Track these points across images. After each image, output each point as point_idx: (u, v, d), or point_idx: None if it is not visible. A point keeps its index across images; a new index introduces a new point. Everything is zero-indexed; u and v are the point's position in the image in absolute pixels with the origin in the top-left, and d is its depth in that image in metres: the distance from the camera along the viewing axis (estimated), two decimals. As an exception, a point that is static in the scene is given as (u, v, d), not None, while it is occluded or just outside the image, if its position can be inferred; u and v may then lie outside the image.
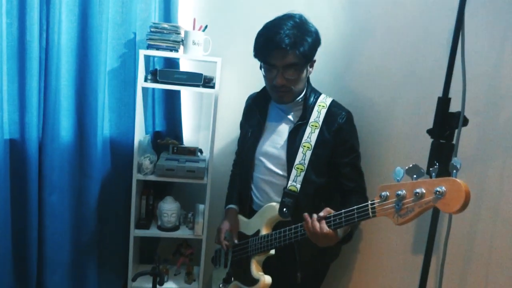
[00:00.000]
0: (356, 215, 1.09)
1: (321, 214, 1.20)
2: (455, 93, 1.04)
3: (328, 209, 1.20)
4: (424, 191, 0.91)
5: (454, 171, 0.89)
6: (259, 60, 1.38)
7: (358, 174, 1.44)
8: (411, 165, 0.96)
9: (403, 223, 0.96)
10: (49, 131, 1.61)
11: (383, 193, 1.01)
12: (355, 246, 1.61)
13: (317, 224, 1.19)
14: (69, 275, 1.81)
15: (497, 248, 1.07)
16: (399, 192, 0.96)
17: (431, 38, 1.27)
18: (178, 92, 1.98)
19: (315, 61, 1.41)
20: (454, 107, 1.05)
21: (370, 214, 1.05)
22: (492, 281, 1.08)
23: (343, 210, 1.14)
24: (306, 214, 1.23)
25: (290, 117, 1.46)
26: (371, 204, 1.04)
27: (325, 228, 1.17)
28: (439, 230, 1.12)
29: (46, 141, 1.62)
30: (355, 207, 1.10)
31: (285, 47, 1.28)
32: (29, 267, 1.68)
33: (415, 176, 0.95)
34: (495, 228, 1.09)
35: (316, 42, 1.36)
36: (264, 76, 1.40)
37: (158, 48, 1.73)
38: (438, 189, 0.87)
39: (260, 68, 1.39)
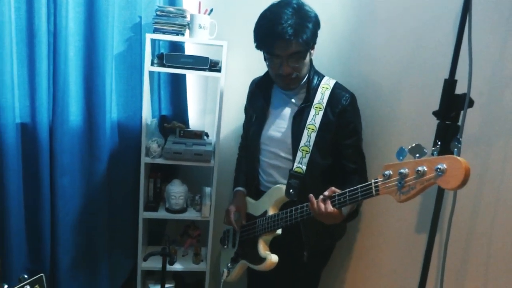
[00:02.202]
0: (360, 194, 1.12)
1: (326, 193, 1.23)
2: (460, 75, 1.05)
3: (332, 188, 1.23)
4: (425, 169, 0.93)
5: (455, 149, 0.91)
6: (262, 51, 1.39)
7: (360, 156, 1.46)
8: (414, 145, 0.98)
9: (404, 200, 0.99)
10: (59, 114, 1.64)
11: (386, 172, 1.03)
12: (359, 226, 1.65)
13: (322, 205, 1.22)
14: (81, 255, 1.86)
15: (499, 226, 1.11)
16: (402, 170, 0.98)
17: (438, 21, 1.27)
18: (184, 76, 2.00)
19: (315, 43, 1.42)
20: (460, 89, 1.07)
21: (374, 192, 1.08)
22: (494, 257, 1.12)
23: (347, 189, 1.17)
24: (311, 196, 1.26)
25: (293, 100, 1.48)
26: (375, 182, 1.07)
27: (330, 207, 1.20)
28: (442, 209, 1.14)
29: (56, 124, 1.64)
30: (359, 186, 1.13)
31: (288, 38, 1.28)
32: (43, 247, 1.73)
33: (417, 155, 0.97)
34: (498, 206, 1.12)
35: (317, 25, 1.36)
36: (268, 65, 1.42)
37: (164, 32, 1.74)
38: (439, 166, 0.89)
39: (265, 60, 1.40)
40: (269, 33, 1.32)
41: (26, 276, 1.00)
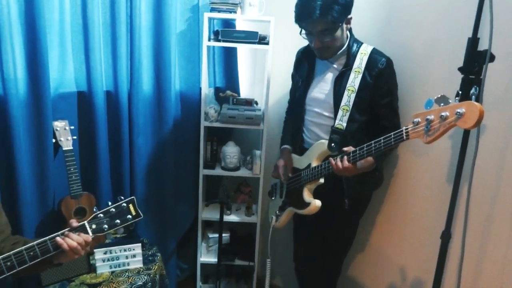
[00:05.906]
0: (393, 139, 1.30)
1: (345, 149, 1.48)
2: (486, 36, 1.15)
3: (350, 147, 1.47)
4: (448, 114, 1.11)
5: (473, 96, 1.08)
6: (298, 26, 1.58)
7: (394, 114, 1.62)
8: (439, 95, 1.15)
9: (430, 141, 1.17)
10: (135, 84, 1.95)
11: (415, 120, 1.22)
12: (393, 177, 1.80)
13: (339, 161, 1.46)
14: (152, 205, 2.19)
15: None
16: (428, 117, 1.16)
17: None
18: (235, 51, 2.24)
19: (351, 18, 1.56)
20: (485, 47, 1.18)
21: (404, 137, 1.26)
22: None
23: (364, 145, 1.39)
24: (331, 159, 1.51)
25: (335, 65, 1.66)
26: (405, 129, 1.26)
27: (345, 163, 1.45)
28: (471, 162, 1.26)
29: (133, 92, 1.96)
30: (392, 133, 1.31)
31: (315, 18, 1.46)
32: (123, 196, 2.06)
33: (442, 104, 1.15)
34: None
35: (346, 5, 1.49)
36: (305, 38, 1.62)
37: (219, 10, 1.98)
38: (458, 110, 1.08)
39: (300, 34, 1.59)
40: (300, 12, 1.52)
41: (122, 198, 1.31)
